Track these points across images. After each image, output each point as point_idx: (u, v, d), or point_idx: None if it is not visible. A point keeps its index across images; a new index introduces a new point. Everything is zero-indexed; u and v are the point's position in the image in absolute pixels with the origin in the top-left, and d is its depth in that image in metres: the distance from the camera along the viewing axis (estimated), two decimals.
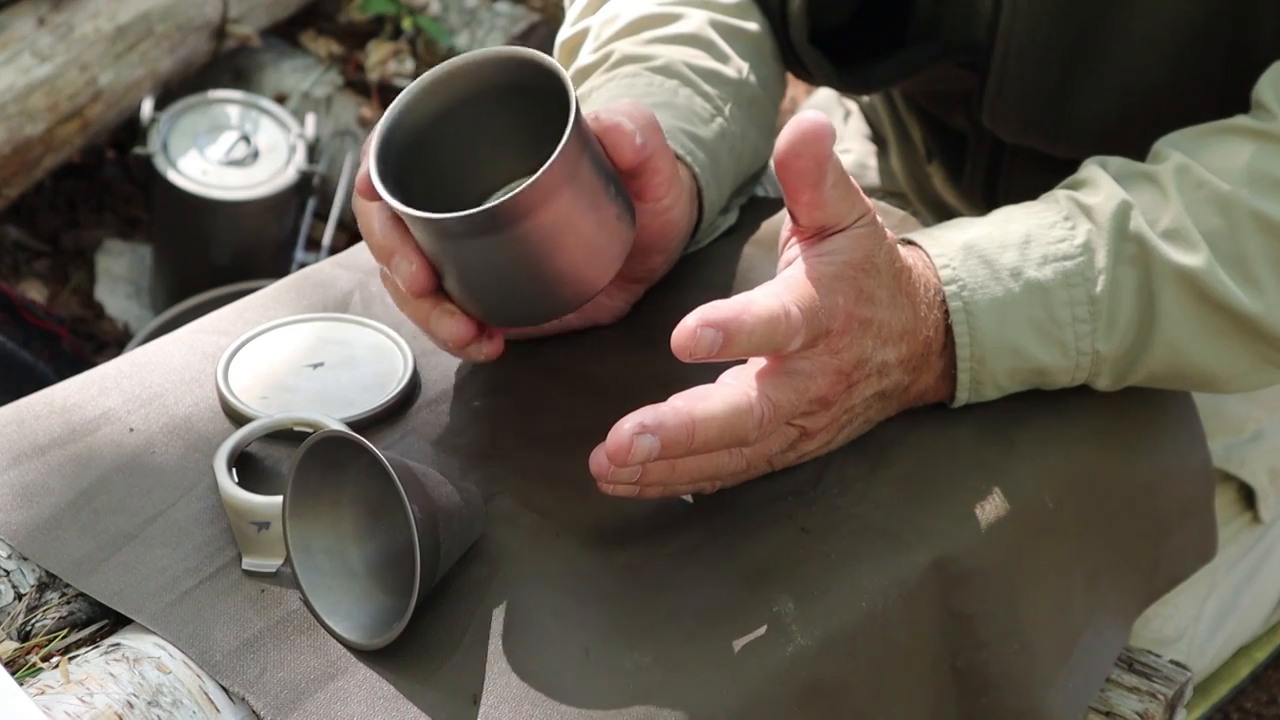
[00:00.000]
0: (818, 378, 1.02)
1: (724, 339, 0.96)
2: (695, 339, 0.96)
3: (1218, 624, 1.53)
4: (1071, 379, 1.12)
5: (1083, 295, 1.10)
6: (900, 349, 1.06)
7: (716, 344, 0.96)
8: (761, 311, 0.97)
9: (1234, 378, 1.15)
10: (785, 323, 0.98)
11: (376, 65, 2.60)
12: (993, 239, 1.11)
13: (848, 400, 1.05)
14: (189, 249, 2.45)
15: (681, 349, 0.96)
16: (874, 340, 1.04)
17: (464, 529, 0.98)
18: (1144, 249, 1.10)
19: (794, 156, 0.99)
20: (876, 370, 1.05)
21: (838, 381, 1.03)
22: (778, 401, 1.00)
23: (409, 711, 0.93)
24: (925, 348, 1.08)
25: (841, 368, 1.03)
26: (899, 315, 1.05)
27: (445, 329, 1.04)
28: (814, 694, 0.99)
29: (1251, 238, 1.11)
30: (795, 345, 0.99)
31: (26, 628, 0.99)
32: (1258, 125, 1.14)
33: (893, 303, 1.05)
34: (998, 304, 1.09)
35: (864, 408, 1.07)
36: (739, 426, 0.99)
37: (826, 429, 1.05)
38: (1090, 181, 1.14)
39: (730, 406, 0.98)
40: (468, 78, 1.04)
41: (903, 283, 1.06)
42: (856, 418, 1.07)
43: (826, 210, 1.02)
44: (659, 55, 1.23)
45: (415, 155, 1.03)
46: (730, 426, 0.98)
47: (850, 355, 1.03)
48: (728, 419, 0.98)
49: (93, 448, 1.07)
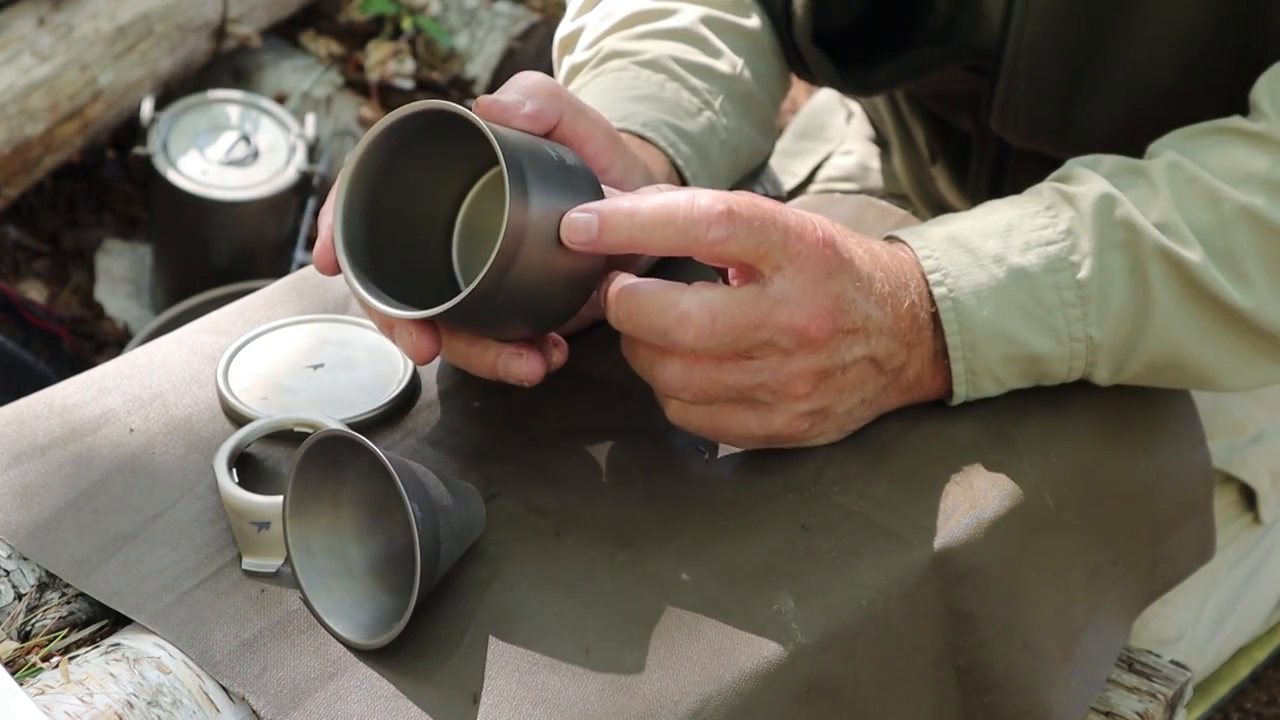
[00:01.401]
0: (791, 304, 1.00)
1: (599, 222, 0.96)
2: (568, 224, 0.96)
3: (1218, 624, 1.53)
4: (1069, 369, 1.12)
5: (1068, 279, 1.10)
6: (885, 311, 1.05)
7: (591, 228, 0.96)
8: (656, 197, 0.97)
9: (1230, 372, 1.15)
10: (687, 207, 0.97)
11: (376, 65, 2.60)
12: (974, 229, 1.11)
13: (837, 351, 1.03)
14: (189, 249, 2.45)
15: (563, 235, 0.96)
16: (853, 285, 1.02)
17: (464, 529, 0.98)
18: (1133, 234, 1.10)
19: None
20: (863, 324, 1.03)
21: (820, 315, 1.01)
22: (722, 308, 0.98)
23: (409, 711, 0.93)
24: (912, 318, 1.07)
25: (821, 299, 1.00)
26: (878, 275, 1.05)
27: (412, 344, 1.03)
28: (814, 692, 0.99)
29: (1242, 234, 1.11)
30: (716, 234, 0.97)
31: (26, 628, 0.99)
32: (1251, 126, 1.14)
33: (872, 263, 1.05)
34: (982, 290, 1.09)
35: (859, 377, 1.05)
36: (656, 314, 0.98)
37: (818, 385, 1.03)
38: (1075, 175, 1.14)
39: (655, 288, 0.98)
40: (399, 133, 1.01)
41: (873, 255, 1.06)
42: (853, 389, 1.06)
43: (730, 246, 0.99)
44: (647, 50, 1.23)
45: (376, 216, 1.02)
46: (645, 309, 0.98)
47: (829, 287, 1.01)
48: (647, 298, 0.98)
49: (93, 448, 1.07)
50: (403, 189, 1.03)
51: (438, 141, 1.03)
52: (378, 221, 1.02)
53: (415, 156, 1.03)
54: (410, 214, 1.05)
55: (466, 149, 1.02)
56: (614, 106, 1.17)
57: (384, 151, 1.01)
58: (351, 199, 1.01)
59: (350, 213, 1.01)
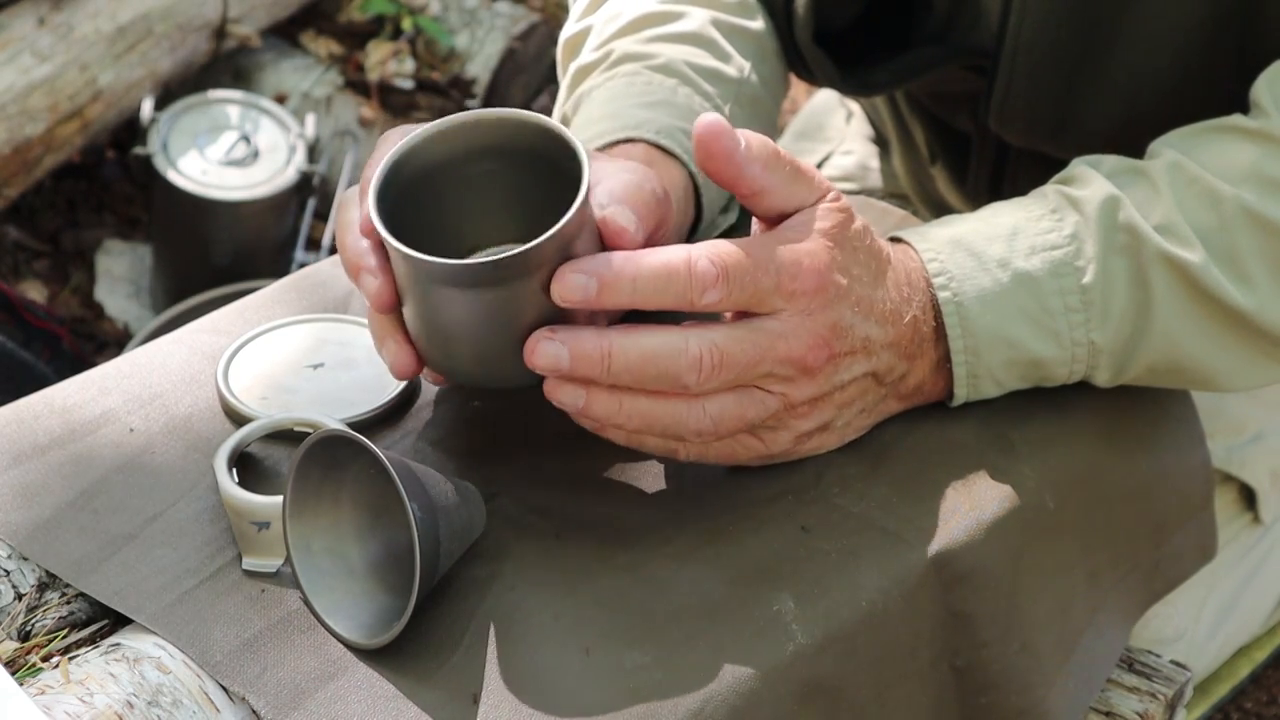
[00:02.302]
0: (789, 337, 1.00)
1: (598, 285, 0.96)
2: (564, 284, 0.96)
3: (1218, 624, 1.53)
4: (1070, 372, 1.12)
5: (1072, 284, 1.10)
6: (886, 330, 1.05)
7: (590, 290, 0.96)
8: (655, 261, 0.97)
9: (1231, 373, 1.15)
10: (685, 273, 0.97)
11: (376, 65, 2.60)
12: (980, 233, 1.11)
13: (834, 374, 1.03)
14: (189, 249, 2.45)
15: (555, 294, 0.96)
16: (852, 310, 1.03)
17: (464, 529, 0.98)
18: (1135, 238, 1.10)
19: (706, 158, 1.00)
20: (862, 345, 1.04)
21: (816, 346, 1.01)
22: (725, 349, 0.98)
23: (409, 711, 0.93)
24: (914, 331, 1.07)
25: (817, 330, 1.01)
26: (880, 293, 1.05)
27: (391, 355, 1.03)
28: (814, 692, 0.99)
29: (1244, 234, 1.11)
30: (711, 299, 0.97)
31: (26, 628, 0.99)
32: (1253, 124, 1.14)
33: (874, 281, 1.05)
34: (986, 295, 1.09)
35: (859, 391, 1.06)
36: (667, 362, 0.97)
37: (818, 405, 1.04)
38: (1080, 176, 1.14)
39: (658, 338, 0.97)
40: (481, 132, 1.03)
41: (881, 264, 1.06)
42: (853, 402, 1.06)
43: (773, 195, 1.02)
44: (659, 54, 1.22)
45: (410, 199, 1.02)
46: (655, 358, 0.97)
47: (825, 318, 1.01)
48: (653, 349, 0.97)
49: (93, 448, 1.07)
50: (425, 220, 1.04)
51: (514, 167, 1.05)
52: (410, 204, 1.02)
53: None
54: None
55: (527, 184, 1.04)
56: (628, 113, 1.17)
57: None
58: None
59: (388, 185, 1.00)
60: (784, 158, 1.02)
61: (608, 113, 1.18)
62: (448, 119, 1.02)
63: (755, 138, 1.01)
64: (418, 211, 1.02)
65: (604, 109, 1.18)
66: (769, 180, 1.01)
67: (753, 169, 1.01)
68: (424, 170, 1.02)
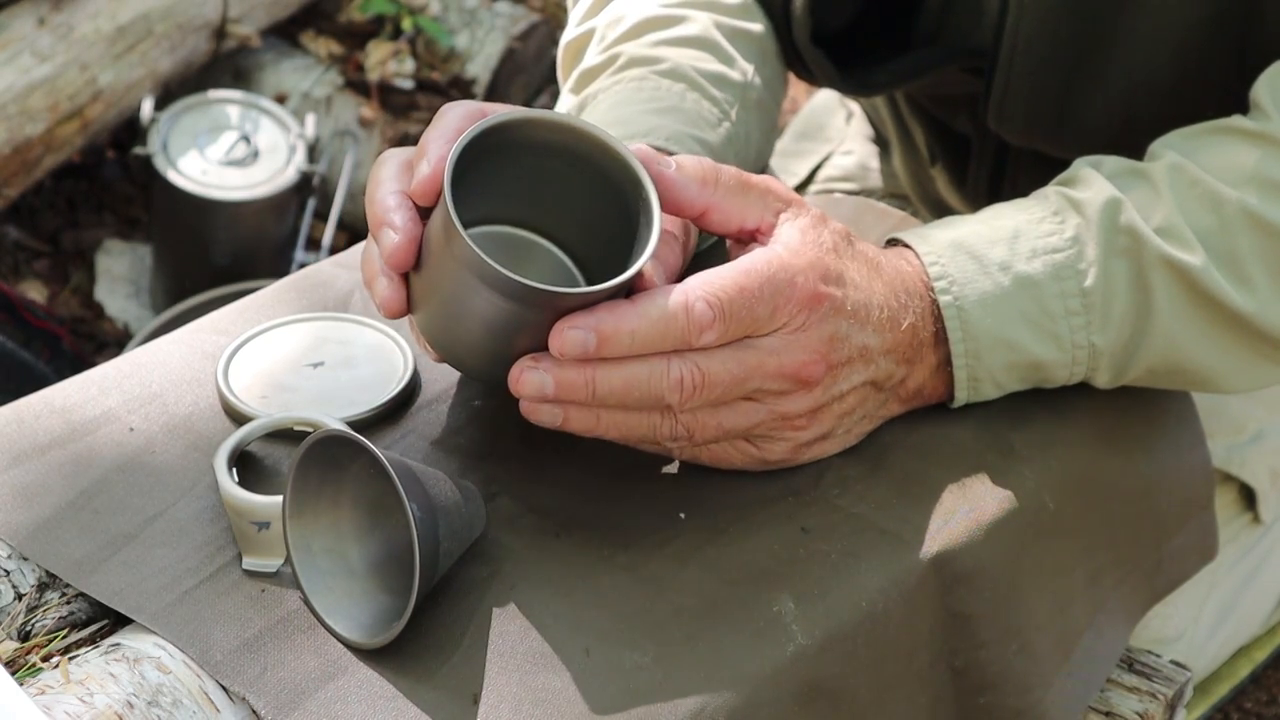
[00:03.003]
0: (783, 353, 1.00)
1: (597, 341, 0.96)
2: (563, 340, 0.96)
3: (1218, 624, 1.53)
4: (1070, 374, 1.12)
5: (1073, 288, 1.10)
6: (884, 336, 1.05)
7: (589, 345, 0.95)
8: (653, 312, 0.97)
9: (1231, 375, 1.15)
10: (684, 320, 0.97)
11: (376, 65, 2.60)
12: (981, 235, 1.11)
13: (833, 384, 1.04)
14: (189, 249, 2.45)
15: (552, 347, 0.96)
16: (848, 320, 1.03)
17: (464, 528, 0.98)
18: (1136, 241, 1.10)
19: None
20: (859, 354, 1.04)
21: (812, 360, 1.01)
22: (708, 369, 0.99)
23: (409, 711, 0.92)
24: (912, 336, 1.07)
25: (812, 344, 1.01)
26: (875, 299, 1.05)
27: (381, 292, 1.01)
28: (814, 693, 0.99)
29: (1244, 237, 1.11)
30: (709, 339, 0.98)
31: (26, 628, 0.99)
32: (1253, 126, 1.14)
33: (868, 286, 1.05)
34: (988, 298, 1.09)
35: (859, 399, 1.06)
36: (649, 385, 0.98)
37: (816, 416, 1.04)
38: (1081, 178, 1.14)
39: (641, 366, 0.97)
40: (552, 132, 1.02)
41: (874, 268, 1.06)
42: (854, 410, 1.06)
43: (722, 211, 1.02)
44: (666, 58, 1.22)
45: (468, 172, 1.01)
46: (638, 383, 0.97)
47: (819, 332, 1.01)
48: (636, 375, 0.97)
49: (93, 448, 1.07)
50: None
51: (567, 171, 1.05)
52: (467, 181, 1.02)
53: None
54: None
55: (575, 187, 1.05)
56: (637, 119, 1.17)
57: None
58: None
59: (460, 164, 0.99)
60: (725, 173, 1.02)
61: (617, 118, 1.18)
62: (537, 111, 1.02)
63: (686, 159, 1.02)
64: (465, 187, 1.02)
65: (612, 114, 1.18)
66: (711, 197, 1.01)
67: (689, 190, 1.01)
68: (489, 150, 1.02)
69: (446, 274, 0.99)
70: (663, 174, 1.00)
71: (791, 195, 1.04)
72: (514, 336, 0.99)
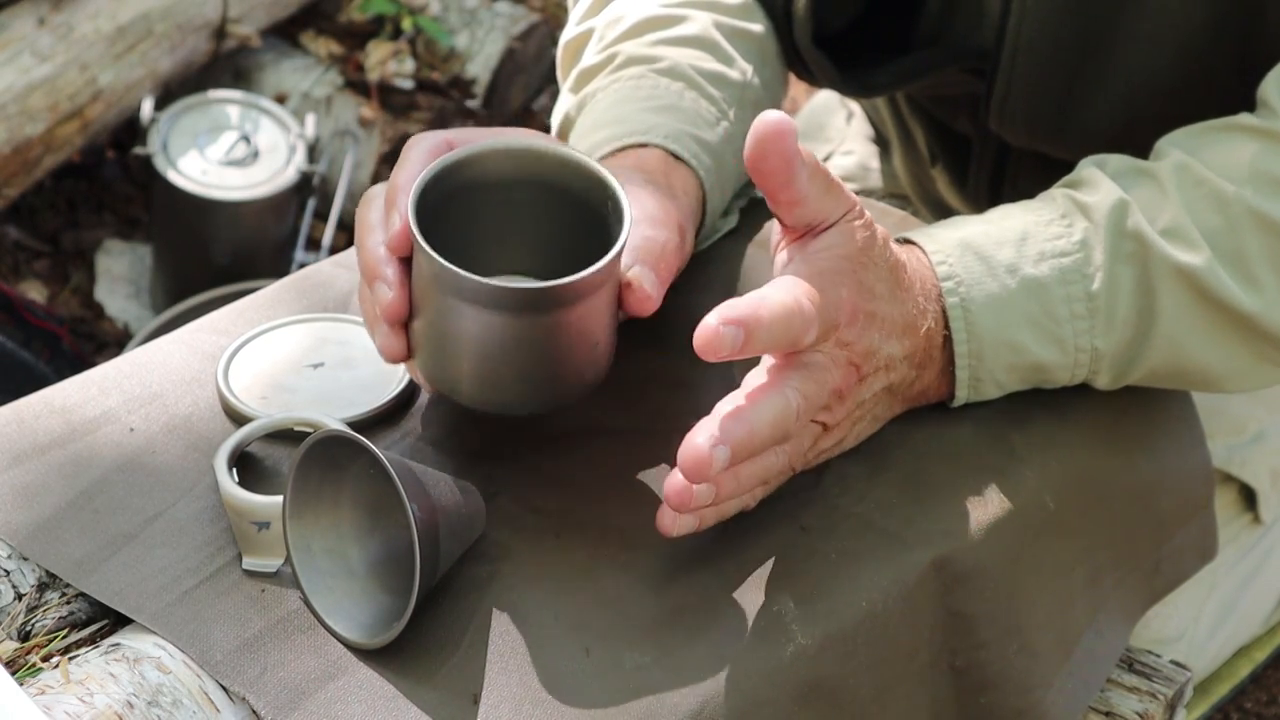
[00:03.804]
0: (832, 370, 1.02)
1: (744, 335, 0.95)
2: (718, 337, 0.95)
3: (1218, 624, 1.53)
4: (1071, 376, 1.12)
5: (1080, 292, 1.10)
6: (905, 343, 1.06)
7: (738, 341, 0.95)
8: (777, 307, 0.97)
9: (1233, 376, 1.15)
10: (800, 317, 0.98)
11: (376, 65, 2.60)
12: (989, 236, 1.11)
13: (859, 393, 1.05)
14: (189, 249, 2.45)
15: (705, 348, 0.95)
16: (879, 333, 1.04)
17: (464, 529, 0.98)
18: (1142, 246, 1.10)
19: (760, 158, 0.98)
20: (885, 364, 1.05)
21: (850, 374, 1.03)
22: (806, 394, 1.00)
23: (409, 711, 0.93)
24: (928, 341, 1.08)
25: (852, 359, 1.03)
26: (899, 309, 1.05)
27: (383, 339, 1.03)
28: (814, 693, 0.99)
29: (1251, 236, 1.11)
30: (809, 339, 0.99)
31: (26, 628, 0.99)
32: (1260, 124, 1.14)
33: (892, 296, 1.05)
34: (994, 300, 1.09)
35: (874, 403, 1.07)
36: (784, 422, 0.99)
37: (841, 425, 1.05)
38: (1088, 180, 1.14)
39: (777, 403, 0.98)
40: (513, 160, 1.04)
41: (900, 276, 1.06)
42: (867, 414, 1.07)
43: (808, 206, 1.01)
44: (665, 57, 1.22)
45: (436, 213, 1.02)
46: (778, 422, 0.98)
47: (860, 347, 1.03)
48: (776, 415, 0.98)
49: (93, 448, 1.07)
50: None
51: (536, 200, 1.06)
52: (433, 222, 1.03)
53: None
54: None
55: (543, 217, 1.07)
56: (636, 117, 1.17)
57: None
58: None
59: (423, 198, 1.01)
60: (822, 169, 1.02)
61: (616, 116, 1.18)
62: (491, 143, 1.04)
63: (805, 148, 1.01)
64: (441, 227, 1.02)
65: (611, 112, 1.18)
66: (810, 191, 1.01)
67: (802, 177, 1.00)
68: (456, 188, 1.03)
69: (432, 306, 1.00)
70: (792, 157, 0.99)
71: (857, 203, 1.04)
72: (510, 352, 1.00)
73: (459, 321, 0.99)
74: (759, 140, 0.98)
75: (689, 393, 1.12)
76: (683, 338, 1.17)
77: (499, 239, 1.07)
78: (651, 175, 1.12)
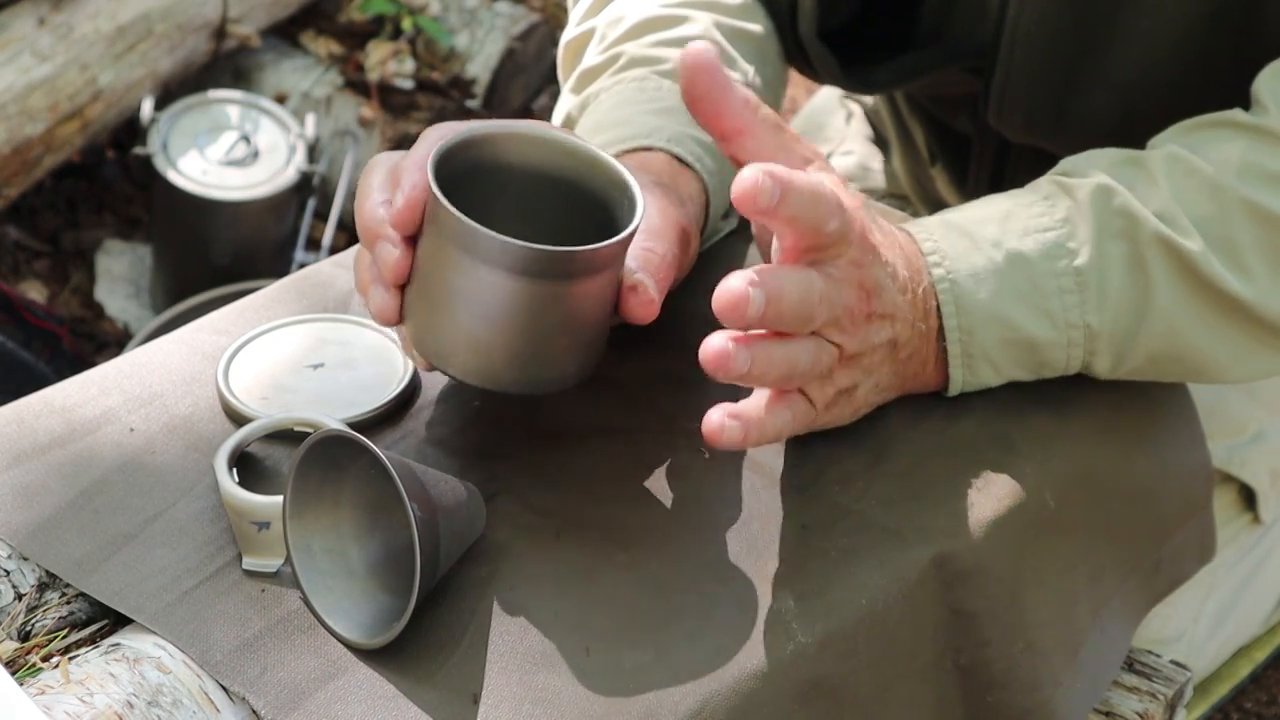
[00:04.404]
0: (846, 287, 1.01)
1: (782, 192, 0.95)
2: (758, 186, 0.94)
3: (1217, 624, 1.53)
4: (1067, 357, 1.12)
5: (1065, 266, 1.10)
6: (904, 297, 1.06)
7: (775, 195, 0.95)
8: (807, 179, 0.97)
9: (1230, 363, 1.15)
10: (826, 198, 0.98)
11: (376, 65, 2.60)
12: (971, 216, 1.12)
13: (869, 334, 1.04)
14: (189, 249, 2.45)
15: (745, 195, 0.94)
16: (884, 271, 1.04)
17: (464, 529, 0.98)
18: (1132, 223, 1.10)
19: (689, 85, 0.99)
20: (890, 310, 1.05)
21: (862, 298, 1.02)
22: (825, 289, 1.00)
23: (409, 711, 0.93)
24: (924, 305, 1.08)
25: (864, 282, 1.02)
26: (898, 262, 1.06)
27: (377, 301, 1.03)
28: (815, 692, 0.99)
29: (1242, 226, 1.11)
30: (831, 226, 0.99)
31: (26, 628, 0.99)
32: (1252, 120, 1.14)
33: (890, 248, 1.06)
34: (980, 272, 1.09)
35: (880, 359, 1.06)
36: (809, 295, 0.98)
37: (855, 362, 1.05)
38: (1074, 168, 1.15)
39: (801, 276, 0.98)
40: (525, 146, 1.05)
41: (893, 240, 1.07)
42: (874, 370, 1.06)
43: (757, 138, 1.01)
44: (667, 58, 1.23)
45: (444, 192, 1.02)
46: (804, 295, 0.98)
47: (870, 273, 1.02)
48: (801, 285, 0.98)
49: (93, 448, 1.07)
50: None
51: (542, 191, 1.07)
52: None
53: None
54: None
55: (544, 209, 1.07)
56: (639, 119, 1.17)
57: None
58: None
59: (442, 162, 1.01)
60: (764, 107, 1.02)
61: (619, 119, 1.18)
62: (506, 126, 1.04)
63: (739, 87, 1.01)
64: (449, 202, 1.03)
65: (614, 114, 1.19)
66: (751, 122, 1.01)
67: (736, 104, 1.00)
68: (466, 169, 1.03)
69: (435, 265, 1.00)
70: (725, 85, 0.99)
71: (817, 152, 1.04)
72: (506, 318, 1.00)
73: (460, 279, 0.99)
74: (684, 67, 0.98)
75: (689, 393, 1.12)
76: (683, 338, 1.17)
77: (504, 223, 1.07)
78: (658, 178, 1.12)
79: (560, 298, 1.00)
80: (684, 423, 1.10)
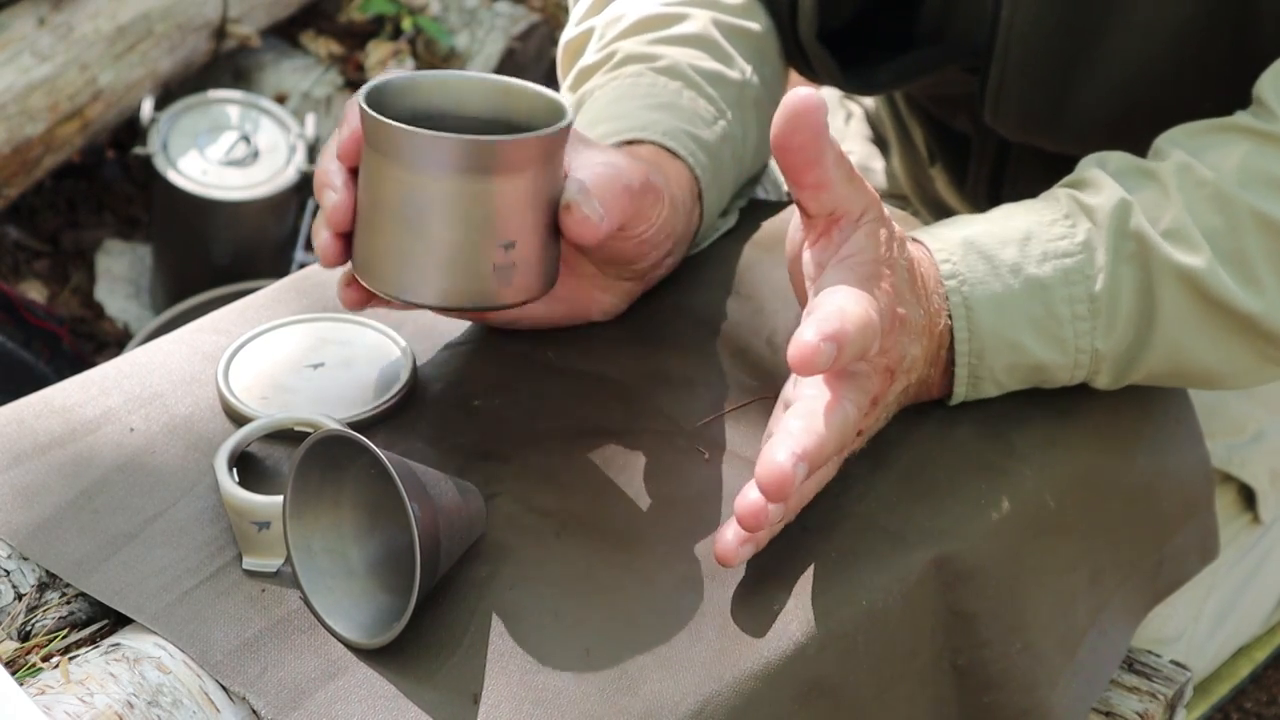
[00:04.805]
0: (873, 378, 1.01)
1: (837, 350, 0.94)
2: (817, 353, 0.92)
3: (1217, 624, 1.53)
4: (1070, 377, 1.12)
5: (1082, 293, 1.10)
6: (923, 343, 1.06)
7: (832, 357, 0.93)
8: (859, 320, 0.95)
9: (1234, 375, 1.15)
10: (872, 329, 0.96)
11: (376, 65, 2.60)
12: (993, 235, 1.11)
13: (888, 397, 1.05)
14: (189, 249, 2.45)
15: (804, 364, 0.92)
16: (907, 336, 1.04)
17: (464, 528, 0.98)
18: (1144, 246, 1.10)
19: (790, 133, 0.95)
20: (910, 366, 1.05)
21: (885, 380, 1.02)
22: (859, 404, 0.99)
23: (409, 711, 0.93)
24: (940, 342, 1.08)
25: (889, 365, 1.02)
26: (917, 309, 1.05)
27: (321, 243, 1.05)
28: (815, 692, 0.99)
29: (1252, 237, 1.11)
30: (874, 350, 0.97)
31: (26, 628, 0.99)
32: (1258, 125, 1.14)
33: (914, 298, 1.05)
34: (997, 299, 1.09)
35: (894, 402, 1.07)
36: (847, 434, 0.98)
37: (871, 428, 1.05)
38: (1091, 181, 1.14)
39: (838, 417, 0.97)
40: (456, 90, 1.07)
41: (915, 275, 1.06)
42: (885, 412, 1.07)
43: (834, 192, 0.98)
44: (663, 56, 1.23)
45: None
46: (842, 437, 0.97)
47: (895, 353, 1.02)
48: (840, 429, 0.97)
49: (93, 448, 1.07)
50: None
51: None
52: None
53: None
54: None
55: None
56: (634, 114, 1.17)
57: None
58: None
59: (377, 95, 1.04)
60: (845, 157, 0.99)
61: (614, 113, 1.18)
62: (441, 72, 1.07)
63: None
64: None
65: (610, 109, 1.19)
66: (834, 175, 0.98)
67: (829, 157, 0.97)
68: (404, 116, 1.04)
69: (369, 181, 1.02)
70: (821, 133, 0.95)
71: (875, 197, 1.02)
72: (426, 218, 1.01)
73: (384, 188, 1.01)
74: (790, 115, 0.94)
75: (689, 393, 1.12)
76: (682, 337, 1.17)
77: None
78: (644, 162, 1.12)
79: (479, 197, 1.00)
80: (683, 423, 1.10)
